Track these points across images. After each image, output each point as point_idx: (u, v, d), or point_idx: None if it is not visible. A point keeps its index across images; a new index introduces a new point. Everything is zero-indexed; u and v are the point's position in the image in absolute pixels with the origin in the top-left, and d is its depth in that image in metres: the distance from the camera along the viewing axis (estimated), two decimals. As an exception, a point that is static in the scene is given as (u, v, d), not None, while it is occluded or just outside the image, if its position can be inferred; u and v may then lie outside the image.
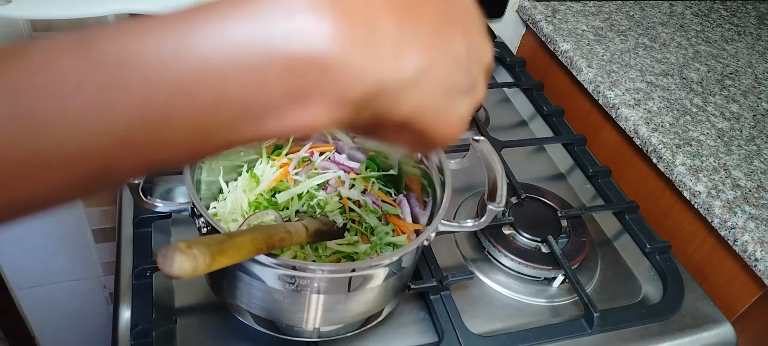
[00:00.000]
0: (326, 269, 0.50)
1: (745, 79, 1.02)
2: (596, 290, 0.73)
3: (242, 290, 0.53)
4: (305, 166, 0.68)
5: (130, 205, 0.69)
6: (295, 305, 0.52)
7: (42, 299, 1.27)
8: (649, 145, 0.85)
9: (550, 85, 1.07)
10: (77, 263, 1.24)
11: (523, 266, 0.71)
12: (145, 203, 0.53)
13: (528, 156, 0.92)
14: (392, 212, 0.66)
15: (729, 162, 0.83)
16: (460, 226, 0.59)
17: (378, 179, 0.68)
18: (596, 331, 0.65)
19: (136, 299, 0.59)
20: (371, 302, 0.55)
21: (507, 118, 1.00)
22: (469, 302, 0.68)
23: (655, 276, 0.75)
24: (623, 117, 0.90)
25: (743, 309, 0.76)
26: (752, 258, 0.71)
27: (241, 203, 0.62)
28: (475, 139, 0.61)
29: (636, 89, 0.94)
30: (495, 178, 0.58)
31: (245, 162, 0.66)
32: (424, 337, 0.63)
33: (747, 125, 0.91)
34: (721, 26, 1.17)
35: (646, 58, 1.03)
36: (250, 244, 0.44)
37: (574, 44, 1.03)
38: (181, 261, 0.38)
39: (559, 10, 1.12)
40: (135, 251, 0.65)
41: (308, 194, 0.64)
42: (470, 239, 0.76)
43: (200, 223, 0.50)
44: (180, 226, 0.69)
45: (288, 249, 0.56)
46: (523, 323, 0.67)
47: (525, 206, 0.78)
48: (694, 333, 0.69)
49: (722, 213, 0.75)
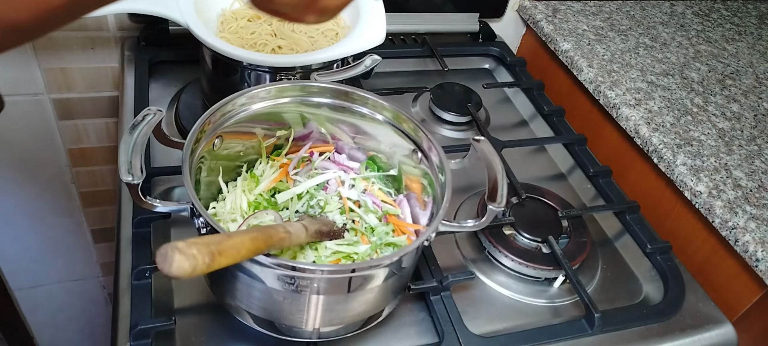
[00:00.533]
0: (326, 270, 0.50)
1: (745, 79, 1.01)
2: (597, 291, 0.73)
3: (241, 291, 0.53)
4: (305, 166, 0.68)
5: (130, 205, 0.69)
6: (295, 306, 0.52)
7: (41, 300, 1.27)
8: (649, 145, 0.85)
9: (551, 85, 1.07)
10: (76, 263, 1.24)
11: (523, 267, 0.71)
12: (144, 203, 0.53)
13: (528, 156, 0.92)
14: (392, 212, 0.65)
15: (730, 162, 0.82)
16: (461, 226, 0.59)
17: (378, 178, 0.68)
18: (597, 331, 0.65)
19: (136, 300, 0.59)
20: (371, 303, 0.55)
21: (507, 118, 0.99)
22: (470, 303, 0.68)
23: (656, 276, 0.75)
24: (624, 117, 0.90)
25: (744, 309, 0.76)
26: (753, 258, 0.71)
27: (241, 203, 0.61)
28: (475, 139, 0.61)
29: (637, 89, 0.94)
30: (495, 178, 0.58)
31: (245, 162, 0.66)
32: (425, 338, 0.63)
33: (748, 125, 0.90)
34: (721, 26, 1.17)
35: (647, 58, 1.03)
36: (250, 244, 0.44)
37: (575, 44, 1.03)
38: (180, 261, 0.37)
39: (559, 9, 1.12)
40: (134, 252, 0.64)
41: (308, 194, 0.64)
42: (470, 239, 0.75)
43: (199, 223, 0.50)
44: (179, 226, 0.69)
45: (287, 249, 0.56)
46: (524, 323, 0.67)
47: (525, 206, 0.77)
48: (695, 334, 0.69)
49: (723, 213, 0.75)
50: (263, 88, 0.62)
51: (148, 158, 0.73)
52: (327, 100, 0.65)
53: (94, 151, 1.08)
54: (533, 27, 1.12)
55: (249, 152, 0.66)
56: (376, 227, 0.63)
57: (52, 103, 0.98)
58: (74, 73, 0.96)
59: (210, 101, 0.67)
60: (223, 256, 0.41)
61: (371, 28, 0.75)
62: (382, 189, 0.68)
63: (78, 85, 0.98)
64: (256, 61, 0.69)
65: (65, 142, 1.04)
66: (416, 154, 0.63)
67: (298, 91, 0.64)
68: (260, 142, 0.66)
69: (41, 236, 1.16)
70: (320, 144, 0.69)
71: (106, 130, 1.06)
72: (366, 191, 0.67)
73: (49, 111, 0.99)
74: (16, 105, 0.96)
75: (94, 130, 1.05)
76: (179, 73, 0.91)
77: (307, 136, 0.68)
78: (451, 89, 0.97)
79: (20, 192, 1.07)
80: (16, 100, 0.96)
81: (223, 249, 0.41)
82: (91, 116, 1.03)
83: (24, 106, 0.97)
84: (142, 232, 0.66)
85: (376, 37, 0.73)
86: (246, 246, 0.43)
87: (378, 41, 0.73)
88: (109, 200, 1.16)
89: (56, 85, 0.96)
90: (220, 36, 0.76)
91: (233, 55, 0.68)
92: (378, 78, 0.99)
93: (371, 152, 0.68)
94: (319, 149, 0.69)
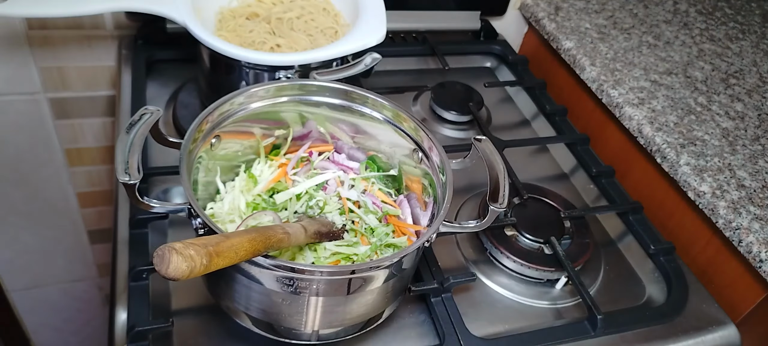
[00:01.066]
0: (325, 271, 0.50)
1: (749, 78, 1.01)
2: (600, 292, 0.72)
3: (240, 292, 0.52)
4: (304, 166, 0.67)
5: (127, 205, 0.68)
6: (294, 308, 0.51)
7: (38, 301, 1.27)
8: (653, 144, 0.85)
9: (553, 83, 1.07)
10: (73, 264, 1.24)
11: (525, 268, 0.70)
12: (141, 203, 0.52)
13: (530, 156, 0.92)
14: (392, 213, 0.65)
15: (734, 162, 0.82)
16: (462, 227, 0.58)
17: (378, 179, 0.67)
18: (600, 333, 0.65)
19: (133, 301, 0.59)
20: (371, 305, 0.55)
21: (509, 118, 0.99)
22: (471, 305, 0.67)
23: (659, 278, 0.74)
24: (627, 116, 0.89)
25: (748, 311, 0.76)
26: (757, 259, 0.70)
27: (239, 203, 0.61)
28: (476, 139, 0.61)
29: (640, 88, 0.93)
30: (497, 178, 0.58)
31: (243, 162, 0.65)
32: (425, 340, 0.63)
33: (752, 125, 0.90)
34: (725, 24, 1.16)
35: (650, 57, 1.02)
36: (248, 245, 0.44)
37: (577, 42, 1.02)
38: (177, 262, 0.37)
39: (561, 7, 1.11)
40: (131, 253, 0.64)
41: (307, 194, 0.64)
42: (472, 240, 0.75)
43: (197, 224, 0.50)
44: (177, 227, 0.68)
45: (286, 250, 0.56)
46: (526, 325, 0.66)
47: (527, 206, 0.77)
48: (698, 335, 0.68)
49: (727, 214, 0.74)
50: (261, 87, 0.61)
51: (145, 158, 0.73)
52: (326, 99, 0.64)
53: (91, 151, 1.07)
54: (535, 25, 1.11)
55: (247, 152, 0.65)
56: (376, 227, 0.63)
57: (48, 103, 0.98)
58: (71, 72, 0.96)
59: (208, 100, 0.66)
60: (221, 257, 0.40)
61: (371, 26, 0.74)
62: (382, 189, 0.67)
63: (75, 84, 0.97)
64: (255, 60, 0.68)
65: (62, 142, 1.04)
66: (417, 153, 0.63)
67: (297, 90, 0.63)
68: (259, 141, 0.65)
69: (38, 237, 1.15)
70: (319, 144, 0.69)
71: (103, 130, 1.05)
72: (366, 192, 0.66)
73: (45, 110, 0.98)
74: (12, 104, 0.96)
75: (91, 130, 1.04)
76: (177, 72, 0.91)
77: (306, 135, 0.68)
78: (452, 88, 0.96)
79: (16, 193, 1.07)
80: (12, 100, 0.95)
81: (221, 250, 0.41)
82: (88, 116, 1.02)
83: (20, 106, 0.96)
84: (140, 233, 0.66)
85: (376, 35, 0.73)
86: (244, 247, 0.43)
87: (378, 39, 0.73)
88: (106, 200, 1.16)
89: (53, 84, 0.96)
90: (218, 34, 0.75)
91: (231, 53, 0.67)
92: (378, 77, 0.99)
93: (371, 152, 0.68)
94: (318, 149, 0.69)
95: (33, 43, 0.91)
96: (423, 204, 0.64)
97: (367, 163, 0.68)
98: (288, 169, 0.66)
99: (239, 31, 0.77)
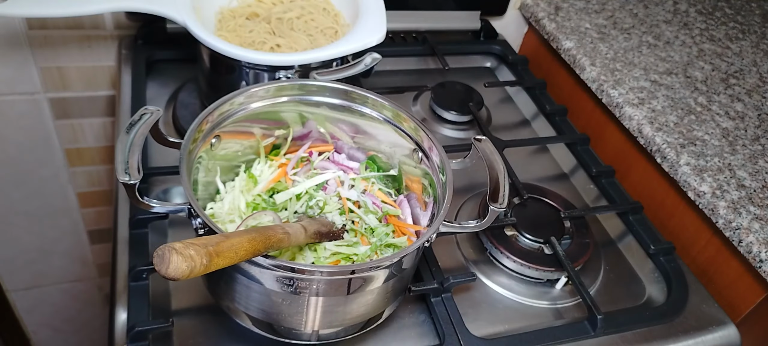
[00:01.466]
0: (325, 271, 0.50)
1: (749, 78, 1.01)
2: (600, 292, 0.72)
3: (240, 292, 0.52)
4: (304, 166, 0.67)
5: (127, 205, 0.68)
6: (294, 308, 0.51)
7: (37, 301, 1.27)
8: (653, 144, 0.85)
9: (553, 83, 1.07)
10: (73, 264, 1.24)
11: (525, 268, 0.70)
12: (141, 203, 0.52)
13: (530, 156, 0.92)
14: (392, 213, 0.65)
15: (734, 162, 0.82)
16: (462, 227, 0.58)
17: (378, 179, 0.67)
18: (600, 333, 0.65)
19: (133, 301, 0.59)
20: (371, 305, 0.54)
21: (509, 118, 0.99)
22: (471, 305, 0.67)
23: (659, 278, 0.74)
24: (627, 116, 0.89)
25: (748, 311, 0.76)
26: (757, 259, 0.70)
27: (239, 203, 0.61)
28: (476, 139, 0.61)
29: (640, 88, 0.93)
30: (497, 178, 0.58)
31: (243, 162, 0.65)
32: (425, 340, 0.63)
33: (752, 125, 0.90)
34: (725, 24, 1.16)
35: (650, 57, 1.02)
36: (248, 245, 0.44)
37: (577, 42, 1.02)
38: (177, 262, 0.37)
39: (561, 7, 1.11)
40: (131, 253, 0.64)
41: (307, 194, 0.64)
42: (472, 240, 0.75)
43: (197, 224, 0.50)
44: (177, 227, 0.68)
45: (286, 250, 0.56)
46: (526, 325, 0.66)
47: (527, 206, 0.77)
48: (698, 335, 0.68)
49: (727, 214, 0.74)
50: (261, 87, 0.61)
51: (145, 158, 0.73)
52: (326, 99, 0.64)
53: (91, 151, 1.07)
54: (535, 25, 1.11)
55: (247, 152, 0.65)
56: (376, 227, 0.63)
57: (48, 103, 0.98)
58: (71, 72, 0.96)
59: (208, 100, 0.67)
60: (220, 257, 0.40)
61: (371, 26, 0.74)
62: (382, 189, 0.67)
63: (75, 84, 0.97)
64: (255, 60, 0.68)
65: (62, 142, 1.04)
66: (417, 153, 0.63)
67: (297, 90, 0.63)
68: (258, 141, 0.65)
69: (37, 237, 1.15)
70: (319, 144, 0.69)
71: (103, 130, 1.05)
72: (366, 192, 0.66)
73: (45, 110, 0.98)
74: (12, 104, 0.96)
75: (91, 130, 1.04)
76: (177, 72, 0.91)
77: (306, 135, 0.68)
78: (452, 88, 0.96)
79: (16, 192, 1.07)
80: (12, 100, 0.95)
81: (220, 250, 0.41)
82: (88, 116, 1.02)
83: (20, 106, 0.96)
84: (140, 233, 0.66)
85: (376, 35, 0.73)
86: (244, 247, 0.43)
87: (378, 39, 0.73)
88: (106, 200, 1.16)
89: (53, 84, 0.96)
90: (218, 34, 0.75)
91: (231, 53, 0.67)
92: (378, 77, 0.99)
93: (371, 152, 0.68)
94: (318, 149, 0.69)
95: (33, 43, 0.91)
96: (423, 204, 0.64)
97: (367, 163, 0.68)
98: (288, 169, 0.66)
99: (239, 31, 0.77)
